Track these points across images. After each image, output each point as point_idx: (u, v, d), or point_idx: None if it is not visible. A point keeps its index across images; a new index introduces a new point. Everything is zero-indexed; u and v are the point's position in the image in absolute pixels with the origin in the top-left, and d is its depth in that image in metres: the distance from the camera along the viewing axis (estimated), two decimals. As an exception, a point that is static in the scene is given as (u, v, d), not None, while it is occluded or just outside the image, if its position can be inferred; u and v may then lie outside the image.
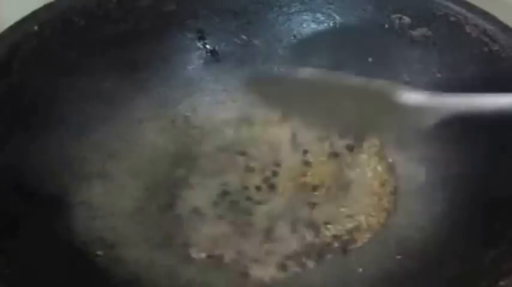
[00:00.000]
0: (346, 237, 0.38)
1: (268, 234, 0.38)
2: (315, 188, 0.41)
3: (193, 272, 0.37)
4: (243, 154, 0.43)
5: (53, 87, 0.39)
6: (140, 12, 0.42)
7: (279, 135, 0.44)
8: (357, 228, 0.39)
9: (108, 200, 0.39)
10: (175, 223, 0.39)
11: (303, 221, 0.39)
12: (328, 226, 0.39)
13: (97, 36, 0.41)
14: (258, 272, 0.37)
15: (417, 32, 0.42)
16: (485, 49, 0.39)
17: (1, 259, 0.32)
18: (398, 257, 0.36)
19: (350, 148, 0.43)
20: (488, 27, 0.39)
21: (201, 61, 0.44)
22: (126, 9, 0.42)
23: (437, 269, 0.34)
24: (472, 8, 0.40)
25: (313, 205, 0.40)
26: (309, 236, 0.38)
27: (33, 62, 0.39)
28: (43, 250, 0.34)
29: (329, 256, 0.37)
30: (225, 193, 0.40)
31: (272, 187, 0.41)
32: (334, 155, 0.42)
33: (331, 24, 0.43)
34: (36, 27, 0.39)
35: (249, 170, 0.42)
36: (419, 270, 0.35)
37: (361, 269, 0.36)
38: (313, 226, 0.39)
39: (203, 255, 0.37)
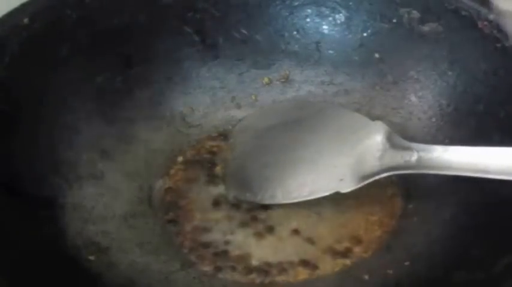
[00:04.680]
0: (352, 242, 0.37)
1: (269, 239, 0.38)
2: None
3: (189, 278, 0.36)
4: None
5: (43, 82, 0.39)
6: (136, 5, 0.42)
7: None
8: (364, 233, 0.38)
9: (100, 202, 0.38)
10: (171, 227, 0.38)
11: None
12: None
13: (90, 30, 0.41)
14: (257, 278, 0.36)
15: (427, 27, 0.41)
16: (498, 45, 0.38)
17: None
18: (406, 263, 0.35)
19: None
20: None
21: (199, 57, 0.44)
22: (121, 2, 0.41)
23: (446, 277, 0.33)
24: (485, 2, 0.39)
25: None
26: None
27: (23, 56, 0.38)
28: (33, 254, 0.33)
29: (334, 263, 0.36)
30: (223, 196, 0.40)
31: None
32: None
33: (336, 19, 0.43)
34: (26, 20, 0.39)
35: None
36: (427, 277, 0.34)
37: (367, 276, 0.35)
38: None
39: (199, 260, 0.37)
